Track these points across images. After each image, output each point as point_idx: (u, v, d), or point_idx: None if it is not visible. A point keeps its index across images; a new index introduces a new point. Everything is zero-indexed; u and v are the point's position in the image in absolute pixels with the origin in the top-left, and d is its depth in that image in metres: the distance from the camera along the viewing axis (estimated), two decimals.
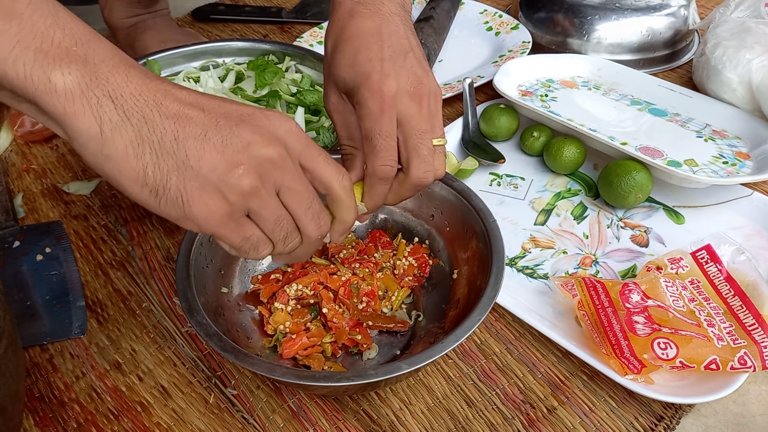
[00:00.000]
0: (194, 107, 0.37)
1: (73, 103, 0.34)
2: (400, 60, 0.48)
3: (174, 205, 0.37)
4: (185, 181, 0.36)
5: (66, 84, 0.34)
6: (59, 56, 0.34)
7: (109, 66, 0.36)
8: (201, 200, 0.37)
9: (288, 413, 0.55)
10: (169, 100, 0.36)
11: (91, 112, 0.35)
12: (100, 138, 0.35)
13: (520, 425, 0.55)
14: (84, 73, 0.35)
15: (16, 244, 0.70)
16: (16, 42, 0.33)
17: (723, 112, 0.84)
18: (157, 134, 0.36)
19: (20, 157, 0.84)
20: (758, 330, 0.55)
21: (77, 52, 0.35)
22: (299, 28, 1.13)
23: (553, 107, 0.84)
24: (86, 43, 0.35)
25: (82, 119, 0.35)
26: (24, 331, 0.61)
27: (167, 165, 0.36)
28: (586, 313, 0.58)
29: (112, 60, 0.36)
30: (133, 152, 0.36)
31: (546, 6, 1.01)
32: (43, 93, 0.34)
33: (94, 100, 0.35)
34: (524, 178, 0.79)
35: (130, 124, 0.35)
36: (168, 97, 0.37)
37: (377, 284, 0.60)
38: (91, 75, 0.35)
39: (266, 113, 0.39)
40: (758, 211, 0.73)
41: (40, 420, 0.55)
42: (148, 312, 0.64)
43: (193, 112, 0.37)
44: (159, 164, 0.36)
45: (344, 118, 0.51)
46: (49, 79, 0.34)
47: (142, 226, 0.73)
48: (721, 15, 0.88)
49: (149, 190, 0.36)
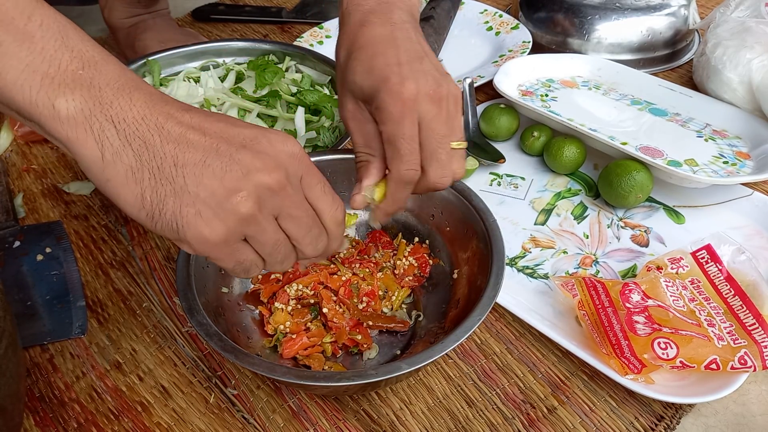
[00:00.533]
0: (196, 131, 0.37)
1: (75, 130, 0.35)
2: (417, 64, 0.48)
3: (169, 228, 0.37)
4: (181, 207, 0.36)
5: (69, 111, 0.35)
6: (65, 82, 0.35)
7: (113, 89, 0.36)
8: (196, 226, 0.37)
9: (288, 413, 0.55)
10: (171, 123, 0.37)
11: (93, 138, 0.35)
12: (101, 163, 0.36)
13: (521, 425, 0.55)
14: (88, 98, 0.35)
15: (17, 244, 0.70)
16: (25, 66, 0.34)
17: (723, 111, 0.84)
18: (157, 159, 0.36)
19: (20, 157, 0.84)
20: (758, 330, 0.55)
21: (83, 75, 0.35)
22: (299, 28, 1.13)
23: (553, 107, 0.84)
24: (93, 65, 0.36)
25: (85, 145, 0.35)
26: (24, 331, 0.61)
27: (165, 190, 0.36)
28: (586, 313, 0.58)
29: (117, 82, 0.36)
30: (132, 177, 0.36)
31: (546, 6, 1.01)
32: (48, 119, 0.35)
33: (97, 126, 0.35)
34: (524, 178, 0.79)
35: (131, 149, 0.36)
36: (170, 120, 0.37)
37: (377, 284, 0.60)
38: (95, 100, 0.35)
39: (269, 136, 0.39)
40: (758, 210, 0.73)
41: (40, 420, 0.55)
42: (149, 312, 0.64)
43: (194, 136, 0.37)
44: (157, 189, 0.36)
45: (361, 125, 0.51)
46: (53, 106, 0.35)
47: (142, 226, 0.73)
48: (721, 15, 0.88)
49: (146, 213, 0.37)
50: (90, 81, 0.35)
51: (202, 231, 0.37)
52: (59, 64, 0.35)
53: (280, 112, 0.76)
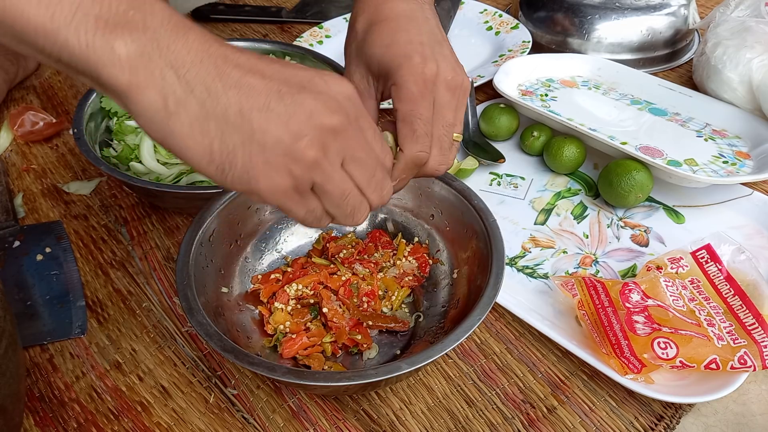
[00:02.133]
0: (255, 74, 0.36)
1: (137, 75, 0.33)
2: (438, 47, 0.47)
3: (240, 180, 0.36)
4: (251, 156, 0.35)
5: (129, 54, 0.33)
6: (119, 24, 0.33)
7: (168, 31, 0.34)
8: (267, 175, 0.36)
9: (288, 413, 0.55)
10: (230, 67, 0.35)
11: (155, 84, 0.34)
12: (165, 113, 0.34)
13: (520, 425, 0.55)
14: (145, 41, 0.33)
15: (17, 244, 0.70)
16: (77, 8, 0.32)
17: (723, 111, 0.84)
18: (221, 106, 0.35)
19: (20, 157, 0.84)
20: (758, 329, 0.55)
21: (135, 16, 0.33)
22: (299, 28, 1.12)
23: (553, 107, 0.84)
24: (141, 5, 0.34)
25: (147, 92, 0.34)
26: (24, 331, 0.61)
27: (233, 140, 0.35)
28: (586, 313, 0.58)
29: (170, 23, 0.34)
30: (199, 128, 0.35)
31: (546, 5, 1.01)
32: (106, 65, 0.33)
33: (158, 72, 0.33)
34: (524, 177, 0.79)
35: (194, 97, 0.34)
36: (228, 63, 0.35)
37: (377, 284, 0.60)
38: (153, 43, 0.33)
39: (324, 78, 0.38)
40: (758, 210, 0.73)
41: (40, 420, 0.55)
42: (148, 312, 0.64)
43: (254, 80, 0.35)
44: (224, 140, 0.35)
45: (364, 100, 0.49)
46: (112, 49, 0.32)
47: (142, 226, 0.73)
48: (721, 14, 0.88)
49: (215, 166, 0.36)
50: (143, 23, 0.33)
51: (273, 180, 0.36)
52: (110, 6, 0.33)
53: None
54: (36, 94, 0.94)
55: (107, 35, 0.32)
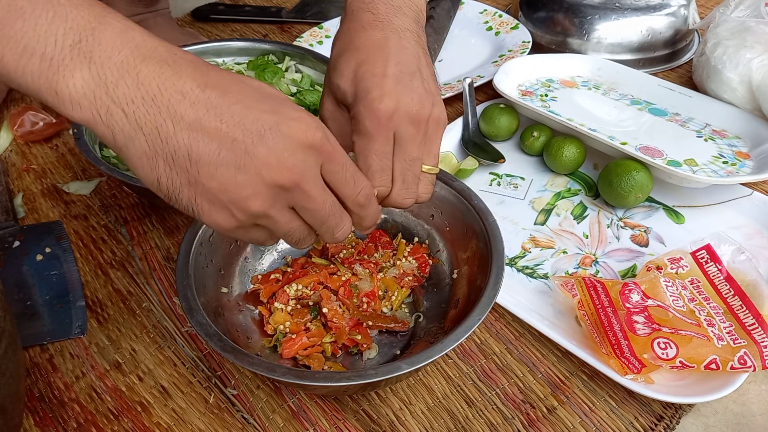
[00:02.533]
0: (211, 115, 0.35)
1: (81, 113, 0.34)
2: (406, 80, 0.46)
3: (186, 210, 0.38)
4: (196, 196, 0.37)
5: (72, 96, 0.33)
6: (63, 62, 0.33)
7: (117, 65, 0.34)
8: (210, 213, 0.37)
9: (288, 413, 0.55)
10: (185, 106, 0.35)
11: (102, 121, 0.34)
12: (114, 144, 0.35)
13: (520, 425, 0.55)
14: (89, 79, 0.33)
15: (16, 244, 0.70)
16: (22, 49, 0.33)
17: (723, 111, 0.84)
18: (170, 147, 0.35)
19: (20, 156, 0.84)
20: (758, 330, 0.55)
21: (81, 49, 0.33)
22: (299, 28, 1.13)
23: (553, 107, 0.84)
24: (90, 34, 0.34)
25: (96, 126, 0.35)
26: (24, 331, 0.61)
27: (180, 179, 0.36)
28: (586, 313, 0.58)
29: (120, 54, 0.34)
30: (147, 162, 0.36)
31: (546, 6, 1.01)
32: (54, 104, 0.34)
33: (104, 110, 0.34)
34: (524, 177, 0.79)
35: (143, 134, 0.34)
36: (185, 102, 0.35)
37: (377, 284, 0.60)
38: (97, 81, 0.33)
39: (290, 122, 0.37)
40: (758, 210, 0.73)
41: (40, 420, 0.55)
42: (148, 312, 0.64)
43: (210, 122, 0.35)
44: (172, 177, 0.36)
45: (339, 125, 0.50)
46: (56, 92, 0.33)
47: (142, 226, 0.73)
48: (721, 14, 0.88)
49: (163, 194, 0.37)
50: (89, 56, 0.33)
51: (216, 219, 0.37)
52: (55, 40, 0.33)
53: None
54: None
55: (50, 77, 0.33)
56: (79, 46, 0.33)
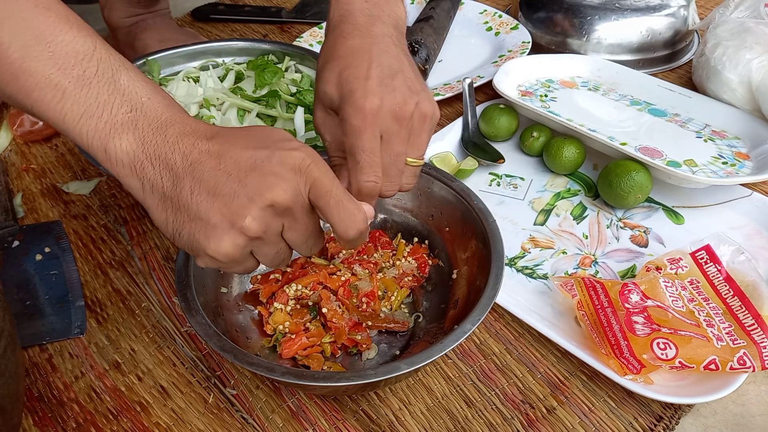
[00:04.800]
0: (213, 157, 0.41)
1: (123, 169, 0.41)
2: (388, 80, 0.49)
3: (187, 248, 0.42)
4: (195, 231, 0.41)
5: (118, 155, 0.41)
6: (114, 127, 0.40)
7: (153, 129, 0.41)
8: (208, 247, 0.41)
9: (287, 413, 0.55)
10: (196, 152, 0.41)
11: (136, 175, 0.41)
12: (141, 193, 0.42)
13: (520, 425, 0.55)
14: (132, 141, 0.40)
15: (16, 243, 0.70)
16: (83, 111, 0.40)
17: (723, 112, 0.84)
18: (178, 190, 0.40)
19: (20, 156, 0.84)
20: (757, 330, 0.55)
21: (131, 117, 0.41)
22: (299, 28, 1.13)
23: (552, 107, 0.84)
24: (140, 108, 0.41)
25: (131, 180, 0.41)
26: (23, 331, 0.61)
27: (182, 217, 0.41)
28: (585, 313, 0.58)
29: (158, 121, 0.41)
30: (161, 206, 0.42)
31: (546, 6, 1.01)
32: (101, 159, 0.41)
33: (139, 165, 0.41)
34: (524, 178, 0.79)
35: (162, 183, 0.41)
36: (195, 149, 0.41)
37: (377, 284, 0.60)
38: (138, 142, 0.40)
39: (281, 152, 0.41)
40: (758, 211, 0.73)
41: (39, 420, 0.55)
42: (148, 312, 0.64)
43: (210, 163, 0.40)
44: (177, 216, 0.41)
45: (332, 132, 0.52)
46: (105, 150, 0.40)
47: (141, 226, 0.73)
48: (720, 15, 0.88)
49: (170, 234, 0.42)
50: (135, 123, 0.41)
51: (216, 250, 0.41)
52: (111, 108, 0.40)
53: (279, 112, 0.76)
54: None
55: (102, 138, 0.40)
56: (129, 114, 0.41)
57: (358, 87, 0.48)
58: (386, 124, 0.48)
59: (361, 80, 0.48)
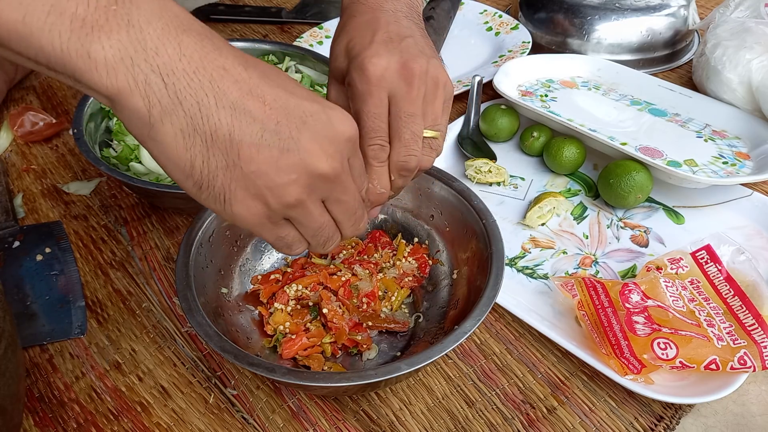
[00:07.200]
0: (254, 98, 0.33)
1: (116, 80, 0.31)
2: (395, 43, 0.46)
3: (215, 200, 0.35)
4: (231, 181, 0.34)
5: (107, 59, 0.30)
6: (98, 23, 0.30)
7: (157, 31, 0.31)
8: (243, 202, 0.35)
9: (288, 413, 0.55)
10: (228, 83, 0.33)
11: (138, 91, 0.31)
12: (147, 121, 0.32)
13: (520, 425, 0.55)
14: (127, 42, 0.30)
15: (16, 244, 0.70)
16: (50, 6, 0.29)
17: (723, 112, 0.84)
18: (211, 125, 0.32)
19: (20, 157, 0.84)
20: (758, 330, 0.55)
21: (118, 12, 0.30)
22: (299, 28, 1.13)
23: (552, 107, 0.84)
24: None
25: (129, 98, 0.31)
26: (24, 331, 0.61)
27: (216, 161, 0.33)
28: (585, 313, 0.58)
29: (161, 20, 0.31)
30: (182, 142, 0.33)
31: (546, 6, 1.01)
32: (84, 70, 0.30)
33: (141, 78, 0.31)
34: (524, 178, 0.79)
35: (182, 110, 0.32)
36: (227, 78, 0.33)
37: (377, 285, 0.60)
38: (136, 45, 0.31)
39: (329, 113, 0.36)
40: (758, 211, 0.73)
41: (39, 420, 0.55)
42: (148, 312, 0.64)
43: (252, 105, 0.33)
44: (208, 159, 0.33)
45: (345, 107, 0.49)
46: (88, 54, 0.30)
47: (141, 226, 0.73)
48: (720, 15, 0.88)
49: (193, 182, 0.35)
50: (127, 19, 0.31)
51: (249, 208, 0.35)
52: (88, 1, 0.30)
53: None
54: (36, 94, 0.94)
55: (83, 38, 0.30)
56: (114, 8, 0.30)
57: (363, 50, 0.45)
58: (393, 85, 0.44)
59: (366, 44, 0.45)
